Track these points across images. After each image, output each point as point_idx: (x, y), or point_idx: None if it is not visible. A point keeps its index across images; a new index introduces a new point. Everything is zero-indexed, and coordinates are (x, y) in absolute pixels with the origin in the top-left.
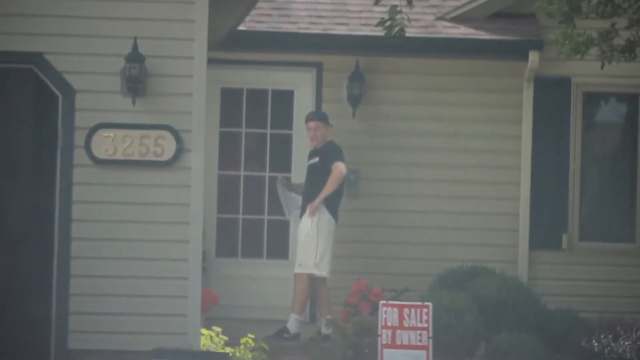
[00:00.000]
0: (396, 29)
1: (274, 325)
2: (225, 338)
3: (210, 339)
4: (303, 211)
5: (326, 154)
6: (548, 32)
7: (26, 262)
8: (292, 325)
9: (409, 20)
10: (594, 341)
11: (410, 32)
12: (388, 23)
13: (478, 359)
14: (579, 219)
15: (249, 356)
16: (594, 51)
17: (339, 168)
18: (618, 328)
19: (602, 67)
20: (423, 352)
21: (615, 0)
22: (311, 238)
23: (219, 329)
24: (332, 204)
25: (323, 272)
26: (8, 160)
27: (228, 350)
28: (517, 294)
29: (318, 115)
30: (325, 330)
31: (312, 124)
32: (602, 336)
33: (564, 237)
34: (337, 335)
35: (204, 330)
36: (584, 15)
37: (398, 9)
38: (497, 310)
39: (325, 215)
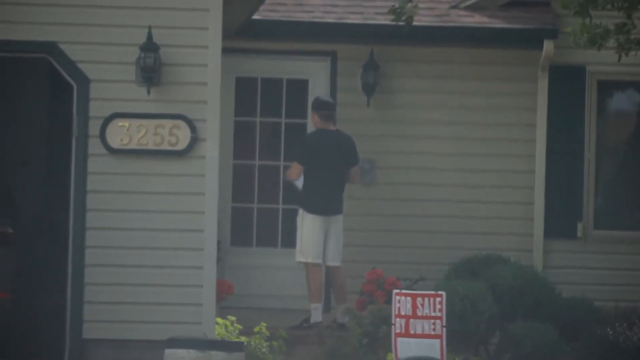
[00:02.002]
0: (404, 16)
1: (288, 314)
2: (240, 327)
3: (225, 328)
4: None
5: None
6: (563, 20)
7: (41, 251)
8: (312, 315)
9: (417, 7)
10: (608, 329)
11: (425, 20)
12: (398, 10)
13: (493, 347)
14: (593, 208)
15: (264, 345)
16: (610, 43)
17: (289, 169)
18: (633, 317)
19: (619, 60)
20: (437, 341)
21: None
22: (297, 230)
23: (233, 318)
24: (297, 198)
25: (308, 258)
26: (23, 149)
27: (243, 339)
28: (532, 282)
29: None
30: (340, 318)
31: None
32: (617, 324)
33: (579, 226)
34: (354, 324)
35: (218, 319)
36: (600, 7)
37: None
38: (512, 299)
39: (300, 209)
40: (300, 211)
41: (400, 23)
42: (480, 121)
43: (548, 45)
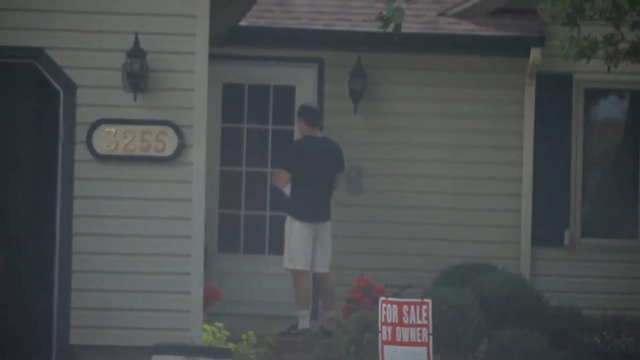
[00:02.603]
0: (392, 24)
1: (276, 321)
2: (228, 333)
3: (212, 334)
4: None
5: None
6: (550, 28)
7: (28, 258)
8: (300, 321)
9: (403, 14)
10: (596, 338)
11: (412, 28)
12: (385, 17)
13: (481, 355)
14: (581, 215)
15: (252, 352)
16: (599, 54)
17: (275, 176)
18: (620, 325)
19: (608, 70)
20: (424, 349)
21: (618, 2)
22: (285, 237)
23: (221, 325)
24: (285, 206)
25: (297, 265)
26: (10, 155)
27: (230, 345)
28: (519, 290)
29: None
30: (328, 325)
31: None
32: (605, 333)
33: (566, 234)
34: (339, 331)
35: (206, 326)
36: (588, 18)
37: (396, 5)
38: (499, 307)
39: (287, 217)
40: (288, 218)
41: (388, 30)
42: (468, 128)
43: (535, 53)
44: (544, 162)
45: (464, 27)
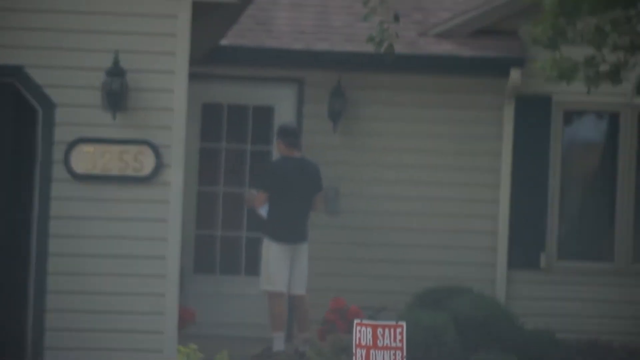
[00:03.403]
0: (385, 45)
1: (251, 343)
2: (202, 355)
3: (187, 356)
4: None
5: None
6: (530, 49)
7: (2, 277)
8: (274, 343)
9: (397, 36)
10: None
11: (383, 47)
12: (377, 40)
13: None
14: (557, 238)
15: None
16: (579, 76)
17: (254, 198)
18: (595, 349)
19: (588, 92)
20: None
21: (600, 25)
22: (262, 258)
23: (195, 347)
24: (262, 227)
25: (275, 286)
26: None
27: None
28: (495, 314)
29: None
30: (302, 347)
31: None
32: (580, 358)
33: (542, 256)
34: (313, 353)
35: (180, 348)
36: (570, 41)
37: (385, 25)
38: (475, 330)
39: (264, 238)
40: (266, 239)
41: (380, 51)
42: (446, 149)
43: (515, 74)
44: (522, 183)
45: (445, 48)
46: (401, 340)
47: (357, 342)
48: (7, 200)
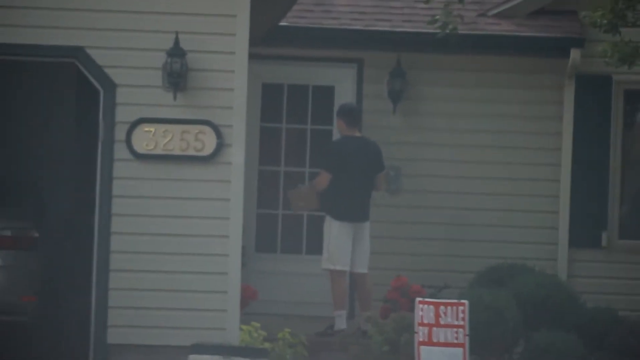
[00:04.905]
0: (450, 26)
1: (312, 321)
2: (264, 333)
3: (249, 334)
4: None
5: None
6: (590, 29)
7: (67, 255)
8: (336, 322)
9: (461, 18)
10: (633, 340)
11: (447, 28)
12: (441, 22)
13: (517, 356)
14: (618, 217)
15: (288, 352)
16: None
17: (317, 179)
18: None
19: None
20: (460, 350)
21: None
22: (324, 237)
23: (257, 325)
24: (324, 206)
25: (336, 265)
26: (50, 153)
27: (267, 345)
28: (556, 291)
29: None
30: (364, 326)
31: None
32: None
33: (604, 235)
34: (375, 331)
35: (242, 326)
36: (630, 24)
37: (449, 7)
38: (536, 308)
39: (327, 217)
40: (328, 218)
41: (447, 32)
42: (506, 129)
43: (575, 54)
44: (582, 162)
45: (504, 28)
46: (463, 319)
47: (420, 320)
48: (71, 180)
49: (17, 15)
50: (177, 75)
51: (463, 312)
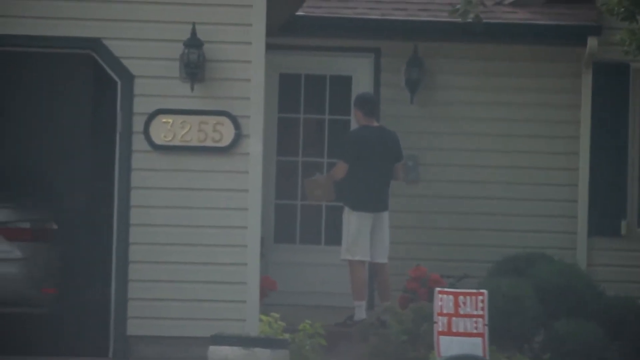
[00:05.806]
0: (471, 15)
1: (331, 312)
2: (284, 324)
3: (268, 325)
4: None
5: None
6: (607, 17)
7: (86, 247)
8: (356, 312)
9: (484, 5)
10: None
11: (469, 17)
12: (461, 10)
13: (537, 345)
14: (638, 205)
15: (308, 342)
16: None
17: (335, 169)
18: None
19: None
20: (479, 339)
21: None
22: (343, 227)
23: (277, 315)
24: (343, 196)
25: (356, 256)
26: (68, 144)
27: (287, 336)
28: (576, 280)
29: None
30: (384, 316)
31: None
32: None
33: (623, 224)
34: (394, 321)
35: (262, 317)
36: None
37: None
38: (556, 297)
39: (345, 207)
40: (346, 209)
41: (468, 20)
42: (524, 118)
43: (592, 42)
44: (601, 151)
45: (520, 16)
46: (483, 308)
47: (439, 310)
48: (89, 171)
49: (34, 7)
50: (194, 66)
51: (482, 301)
